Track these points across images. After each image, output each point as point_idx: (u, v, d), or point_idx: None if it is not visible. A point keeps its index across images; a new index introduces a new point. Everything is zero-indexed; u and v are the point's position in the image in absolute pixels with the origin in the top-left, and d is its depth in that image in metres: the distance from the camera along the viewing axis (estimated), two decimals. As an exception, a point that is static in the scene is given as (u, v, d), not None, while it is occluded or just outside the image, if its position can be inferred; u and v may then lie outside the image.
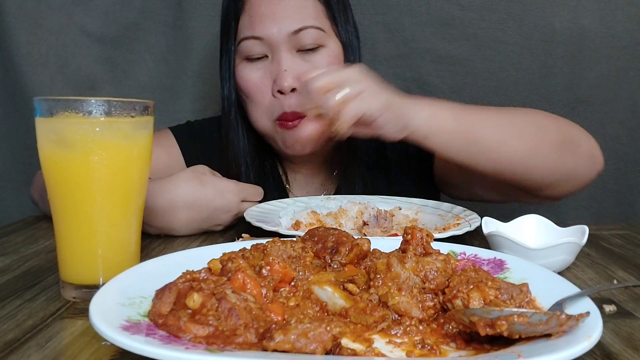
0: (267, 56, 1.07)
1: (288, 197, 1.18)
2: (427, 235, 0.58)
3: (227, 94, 1.14)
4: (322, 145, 1.13)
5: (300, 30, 1.04)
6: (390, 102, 0.82)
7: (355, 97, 0.79)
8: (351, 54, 1.13)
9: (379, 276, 0.54)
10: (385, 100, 0.81)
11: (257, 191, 1.04)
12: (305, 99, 0.83)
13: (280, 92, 1.05)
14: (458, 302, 0.51)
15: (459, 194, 1.22)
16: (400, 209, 0.99)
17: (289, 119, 1.06)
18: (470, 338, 0.48)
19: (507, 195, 1.09)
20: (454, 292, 0.51)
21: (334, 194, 1.17)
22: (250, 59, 1.08)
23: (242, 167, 1.16)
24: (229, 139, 1.16)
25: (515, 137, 0.91)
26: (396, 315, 0.52)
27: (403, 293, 0.52)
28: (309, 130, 0.89)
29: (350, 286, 0.55)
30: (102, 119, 0.61)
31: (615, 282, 0.70)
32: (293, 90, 1.04)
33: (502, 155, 0.90)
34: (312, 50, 1.07)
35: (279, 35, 1.04)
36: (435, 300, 0.53)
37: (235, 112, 1.15)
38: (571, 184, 0.98)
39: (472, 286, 0.51)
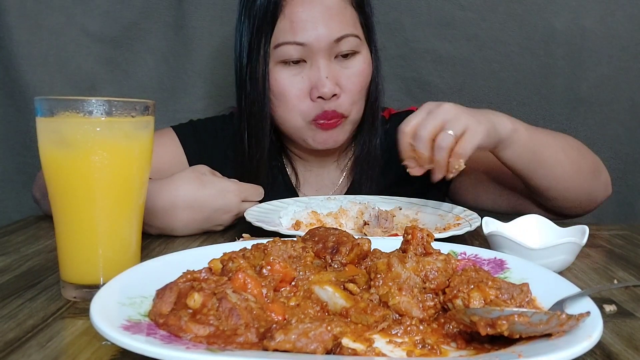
0: (304, 61, 1.08)
1: (298, 196, 1.19)
2: (427, 235, 0.58)
3: (255, 95, 1.11)
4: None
5: (341, 38, 1.06)
6: (488, 126, 0.85)
7: (464, 134, 0.83)
8: (377, 60, 1.17)
9: (379, 276, 0.54)
10: (486, 126, 0.85)
11: (258, 191, 1.04)
12: (421, 146, 0.84)
13: (321, 97, 1.06)
14: (458, 302, 0.51)
15: (467, 199, 1.21)
16: (400, 209, 0.99)
17: (329, 117, 1.08)
18: (470, 338, 0.48)
19: (517, 205, 1.12)
20: (455, 292, 0.51)
21: (345, 194, 1.18)
22: (286, 63, 1.08)
23: (262, 171, 1.16)
24: (261, 144, 1.14)
25: (566, 159, 0.98)
26: (397, 315, 0.52)
27: (404, 293, 0.52)
28: (343, 134, 1.10)
29: (351, 286, 0.55)
30: (103, 118, 0.61)
31: (615, 282, 0.70)
32: (333, 95, 1.07)
33: (556, 173, 0.97)
34: (348, 56, 1.09)
35: (321, 42, 1.05)
36: (436, 300, 0.53)
37: (267, 113, 1.13)
38: (588, 205, 1.06)
39: (472, 286, 0.51)
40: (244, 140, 1.16)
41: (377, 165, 1.19)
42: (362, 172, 1.19)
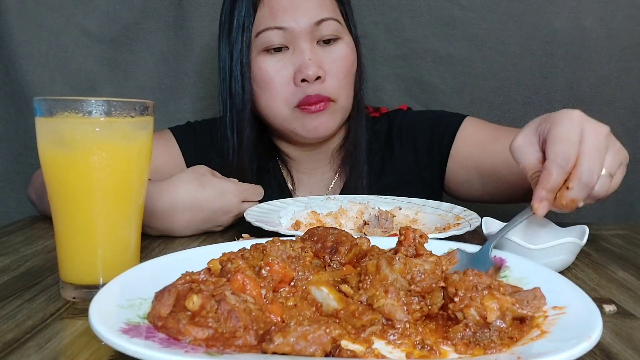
0: (287, 48, 1.09)
1: (291, 197, 1.19)
2: (420, 236, 0.57)
3: (240, 91, 1.12)
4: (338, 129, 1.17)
5: (322, 21, 1.07)
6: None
7: (617, 172, 0.74)
8: (359, 48, 1.17)
9: (367, 278, 0.53)
10: (626, 155, 0.76)
11: (257, 191, 1.04)
12: (582, 195, 0.67)
13: (305, 80, 1.07)
14: (472, 311, 0.48)
15: (465, 194, 1.21)
16: (400, 209, 0.99)
17: (312, 102, 1.08)
18: (470, 341, 0.48)
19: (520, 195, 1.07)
20: (466, 301, 0.48)
21: (338, 194, 1.18)
22: (269, 51, 1.09)
23: (248, 166, 1.15)
24: (242, 136, 1.14)
25: None
26: (385, 320, 0.50)
27: (389, 296, 0.50)
28: (332, 121, 1.07)
29: (345, 287, 0.54)
30: (102, 119, 0.61)
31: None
32: (317, 78, 1.07)
33: None
34: (331, 42, 1.10)
35: (302, 25, 1.06)
36: (422, 303, 0.51)
37: (251, 109, 1.14)
38: None
39: (485, 292, 0.48)
40: (226, 135, 1.16)
41: (362, 155, 1.18)
42: (348, 164, 1.19)
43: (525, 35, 1.51)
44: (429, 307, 0.51)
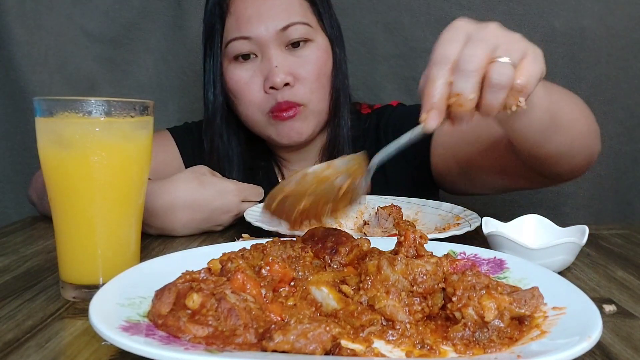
0: (256, 55, 1.08)
1: None
2: (420, 237, 0.57)
3: (212, 98, 1.14)
4: (316, 134, 1.16)
5: (287, 27, 1.06)
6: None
7: (522, 61, 0.62)
8: (337, 47, 1.15)
9: (368, 278, 0.53)
10: (541, 53, 0.65)
11: (258, 191, 1.04)
12: (467, 85, 0.58)
13: (273, 87, 1.06)
14: (469, 311, 0.48)
15: (459, 187, 1.19)
16: (400, 209, 0.99)
17: (282, 109, 1.07)
18: (469, 341, 0.48)
19: (513, 181, 1.03)
20: (464, 300, 0.49)
21: None
22: (238, 60, 1.09)
23: (228, 171, 1.16)
24: (213, 145, 1.17)
25: (582, 117, 0.84)
26: (385, 321, 0.50)
27: (390, 296, 0.50)
28: (306, 126, 1.06)
29: (345, 288, 0.54)
30: (102, 119, 0.61)
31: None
32: (286, 85, 1.06)
33: (572, 135, 0.82)
34: (301, 45, 1.09)
35: (267, 33, 1.06)
36: (424, 304, 0.51)
37: (221, 117, 1.15)
38: (587, 166, 0.93)
39: (483, 292, 0.49)
40: (206, 140, 1.18)
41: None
42: None
43: (525, 35, 1.49)
44: (430, 308, 0.51)
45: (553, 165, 0.87)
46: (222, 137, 1.16)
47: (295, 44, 1.08)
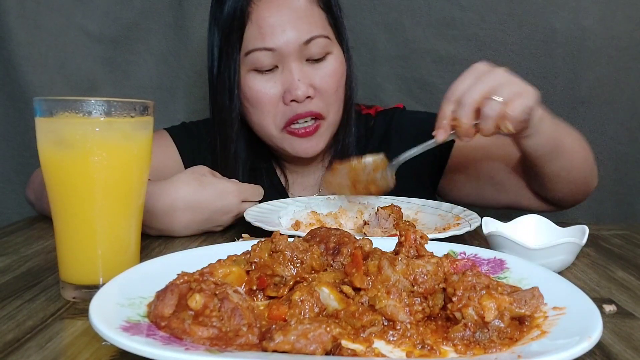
0: (276, 67, 1.07)
1: (287, 197, 1.18)
2: (421, 237, 0.57)
3: (227, 103, 1.12)
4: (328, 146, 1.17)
5: (310, 40, 1.06)
6: (537, 97, 0.84)
7: (514, 98, 0.80)
8: (350, 57, 1.16)
9: (369, 278, 0.53)
10: (535, 93, 0.83)
11: (257, 191, 1.04)
12: (463, 114, 0.82)
13: (294, 100, 1.06)
14: (470, 311, 0.48)
15: (461, 195, 1.21)
16: (400, 209, 0.99)
17: (302, 116, 1.07)
18: (470, 341, 0.48)
19: (512, 201, 1.14)
20: (464, 301, 0.49)
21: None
22: (259, 70, 1.08)
23: (234, 170, 1.16)
24: (228, 150, 1.16)
25: (580, 150, 1.00)
26: (386, 321, 0.50)
27: (391, 297, 0.50)
28: (322, 141, 1.11)
29: (346, 288, 0.54)
30: (102, 119, 0.61)
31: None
32: (307, 97, 1.06)
33: (572, 163, 0.98)
34: (320, 58, 1.08)
35: (291, 46, 1.05)
36: (424, 304, 0.51)
37: (240, 124, 1.14)
38: (584, 195, 1.08)
39: (483, 292, 0.49)
40: (215, 148, 1.17)
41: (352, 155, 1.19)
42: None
43: (525, 35, 1.51)
44: (431, 308, 0.51)
45: (555, 184, 1.01)
46: (234, 141, 1.15)
47: (315, 58, 1.08)
